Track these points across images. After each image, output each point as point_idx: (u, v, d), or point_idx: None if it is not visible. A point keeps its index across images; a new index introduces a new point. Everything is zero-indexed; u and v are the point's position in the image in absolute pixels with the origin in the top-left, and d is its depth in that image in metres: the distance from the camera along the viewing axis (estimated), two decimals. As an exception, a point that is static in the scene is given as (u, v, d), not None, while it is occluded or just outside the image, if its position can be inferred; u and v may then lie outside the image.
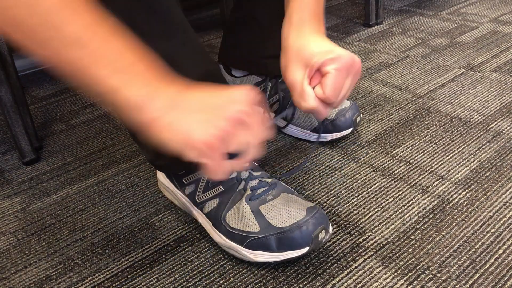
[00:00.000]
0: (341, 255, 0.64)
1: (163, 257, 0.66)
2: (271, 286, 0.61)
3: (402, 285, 0.59)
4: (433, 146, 0.86)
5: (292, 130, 0.91)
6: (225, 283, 0.62)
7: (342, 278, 0.61)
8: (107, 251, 0.68)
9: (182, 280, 0.63)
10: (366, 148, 0.87)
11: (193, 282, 0.62)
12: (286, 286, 0.61)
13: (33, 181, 0.85)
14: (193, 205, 0.70)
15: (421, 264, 0.62)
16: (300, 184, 0.79)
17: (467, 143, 0.86)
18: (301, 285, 0.61)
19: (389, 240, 0.66)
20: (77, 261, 0.67)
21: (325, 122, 0.85)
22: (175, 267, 0.65)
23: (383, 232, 0.68)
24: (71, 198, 0.80)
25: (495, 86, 1.04)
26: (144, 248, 0.68)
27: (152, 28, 0.57)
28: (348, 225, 0.69)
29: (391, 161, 0.82)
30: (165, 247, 0.68)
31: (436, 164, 0.81)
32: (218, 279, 0.62)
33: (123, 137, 0.96)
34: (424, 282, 0.60)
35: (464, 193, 0.74)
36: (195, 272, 0.64)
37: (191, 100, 0.47)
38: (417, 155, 0.83)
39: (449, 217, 0.70)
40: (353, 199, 0.75)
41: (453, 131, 0.89)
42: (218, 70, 0.68)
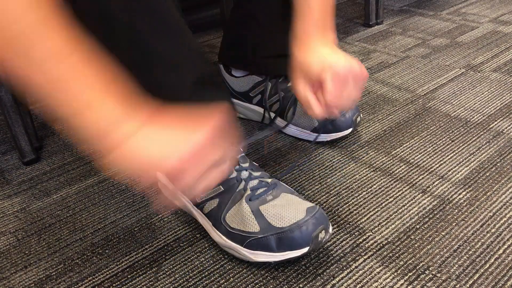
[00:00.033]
0: (341, 255, 0.64)
1: (163, 257, 0.66)
2: (271, 286, 0.61)
3: (402, 285, 0.60)
4: (433, 146, 0.86)
5: (292, 130, 0.91)
6: (225, 283, 0.62)
7: (342, 278, 0.61)
8: (107, 251, 0.68)
9: (182, 280, 0.63)
10: (366, 148, 0.87)
11: (193, 282, 0.62)
12: (286, 286, 0.61)
13: (33, 181, 0.85)
14: (193, 205, 0.70)
15: (421, 264, 0.62)
16: (300, 184, 0.79)
17: (467, 143, 0.86)
18: (301, 285, 0.61)
19: (389, 240, 0.66)
20: (77, 261, 0.67)
21: (326, 122, 0.85)
22: (175, 267, 0.65)
23: (383, 232, 0.68)
24: (71, 198, 0.80)
25: (495, 86, 1.04)
26: (144, 248, 0.68)
27: (149, 30, 0.57)
28: (348, 225, 0.70)
29: (391, 161, 0.82)
30: (165, 247, 0.68)
31: (436, 164, 0.81)
32: (218, 279, 0.62)
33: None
34: (424, 282, 0.60)
35: (464, 193, 0.74)
36: (195, 272, 0.64)
37: (159, 125, 0.47)
38: (417, 155, 0.83)
39: (449, 217, 0.70)
40: (353, 199, 0.75)
41: (453, 131, 0.89)
42: (215, 72, 0.68)
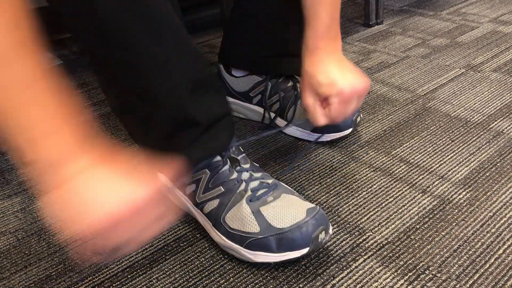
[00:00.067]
0: (341, 255, 0.64)
1: (163, 257, 0.66)
2: (271, 286, 0.61)
3: (402, 285, 0.60)
4: (433, 146, 0.86)
5: (292, 130, 0.91)
6: (225, 283, 0.62)
7: (342, 278, 0.61)
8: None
9: (182, 280, 0.63)
10: (366, 148, 0.87)
11: (193, 282, 0.62)
12: (286, 286, 0.61)
13: (33, 181, 0.85)
14: (193, 205, 0.70)
15: (421, 264, 0.62)
16: (300, 184, 0.79)
17: (467, 143, 0.86)
18: (301, 285, 0.61)
19: (389, 240, 0.66)
20: (77, 261, 0.67)
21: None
22: (175, 267, 0.65)
23: (383, 232, 0.68)
24: (71, 198, 0.79)
25: (495, 86, 1.04)
26: (144, 248, 0.68)
27: (144, 32, 0.57)
28: (348, 225, 0.70)
29: (391, 161, 0.82)
30: (165, 247, 0.68)
31: (436, 164, 0.81)
32: (218, 279, 0.62)
33: (123, 137, 0.96)
34: (424, 282, 0.60)
35: (464, 193, 0.74)
36: (195, 272, 0.64)
37: (99, 175, 0.47)
38: (417, 155, 0.83)
39: (449, 217, 0.70)
40: (353, 199, 0.75)
41: (453, 131, 0.89)
42: (211, 75, 0.67)
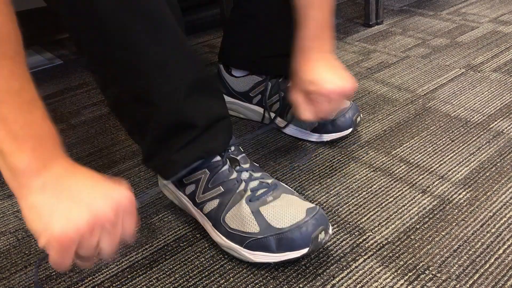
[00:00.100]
0: (341, 255, 0.64)
1: (163, 257, 0.66)
2: (271, 286, 0.61)
3: (402, 285, 0.60)
4: (433, 146, 0.86)
5: (292, 130, 0.91)
6: (225, 283, 0.62)
7: (342, 278, 0.61)
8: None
9: (182, 280, 0.63)
10: (366, 148, 0.87)
11: (193, 282, 0.62)
12: (286, 286, 0.61)
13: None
14: (193, 205, 0.70)
15: (421, 264, 0.62)
16: (300, 184, 0.79)
17: (467, 143, 0.86)
18: (301, 285, 0.61)
19: (389, 240, 0.66)
20: (77, 261, 0.67)
21: (326, 122, 0.85)
22: (175, 267, 0.65)
23: (383, 232, 0.68)
24: (71, 198, 0.79)
25: (495, 86, 1.04)
26: (144, 248, 0.68)
27: (144, 32, 0.57)
28: (348, 225, 0.70)
29: (391, 161, 0.82)
30: (165, 247, 0.68)
31: (436, 164, 0.81)
32: (218, 279, 0.62)
33: (123, 137, 0.96)
34: (424, 282, 0.60)
35: (464, 193, 0.74)
36: (195, 272, 0.64)
37: (67, 186, 0.47)
38: (417, 155, 0.83)
39: (449, 217, 0.70)
40: (353, 199, 0.75)
41: (453, 131, 0.89)
42: (209, 77, 0.67)
